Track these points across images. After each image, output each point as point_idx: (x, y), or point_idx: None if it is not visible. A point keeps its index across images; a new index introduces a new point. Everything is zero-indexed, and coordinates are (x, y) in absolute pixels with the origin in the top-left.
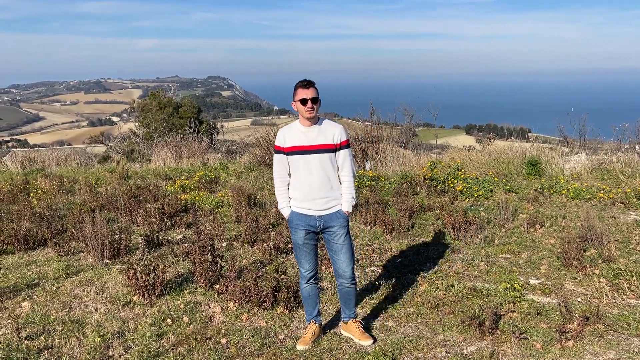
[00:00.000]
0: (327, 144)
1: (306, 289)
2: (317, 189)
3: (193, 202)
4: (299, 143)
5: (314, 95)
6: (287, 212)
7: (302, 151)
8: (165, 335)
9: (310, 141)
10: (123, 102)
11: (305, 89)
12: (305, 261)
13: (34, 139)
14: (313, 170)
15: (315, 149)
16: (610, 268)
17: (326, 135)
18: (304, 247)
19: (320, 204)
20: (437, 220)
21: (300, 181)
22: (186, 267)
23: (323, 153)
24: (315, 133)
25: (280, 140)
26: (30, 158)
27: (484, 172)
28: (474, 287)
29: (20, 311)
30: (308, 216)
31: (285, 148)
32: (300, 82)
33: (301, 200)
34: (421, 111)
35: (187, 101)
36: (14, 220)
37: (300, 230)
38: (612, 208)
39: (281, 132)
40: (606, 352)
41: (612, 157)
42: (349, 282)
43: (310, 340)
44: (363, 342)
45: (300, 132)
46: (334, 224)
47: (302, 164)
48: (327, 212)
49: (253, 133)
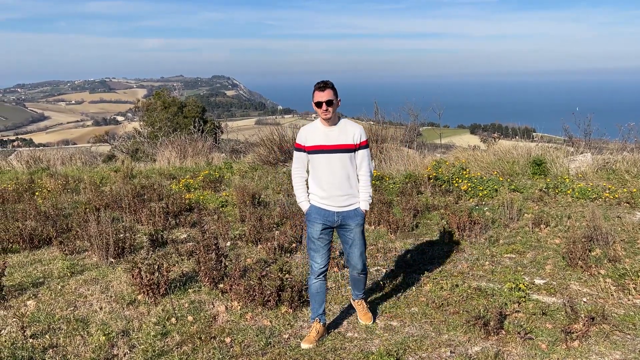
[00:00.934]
0: (348, 143)
1: (315, 284)
2: (338, 187)
3: (197, 201)
4: (320, 142)
5: (328, 98)
6: (305, 206)
7: (323, 150)
8: (169, 334)
9: (331, 141)
10: (128, 102)
11: (321, 91)
12: (318, 255)
13: (39, 138)
14: (334, 169)
15: (336, 148)
16: (616, 268)
17: (347, 135)
18: (318, 241)
19: (340, 201)
20: (442, 219)
21: (320, 179)
22: (190, 266)
23: (343, 153)
24: (336, 133)
25: (301, 139)
26: (35, 157)
27: (488, 171)
28: (479, 286)
29: (26, 310)
30: (327, 211)
31: (307, 147)
32: (316, 84)
33: (323, 197)
34: (425, 111)
35: (191, 101)
36: (19, 219)
37: (318, 224)
38: (618, 208)
39: (303, 131)
40: (612, 353)
41: (617, 156)
42: (359, 272)
43: (314, 339)
44: (362, 320)
45: (321, 131)
46: (351, 221)
47: (324, 162)
48: (345, 209)
49: (257, 132)
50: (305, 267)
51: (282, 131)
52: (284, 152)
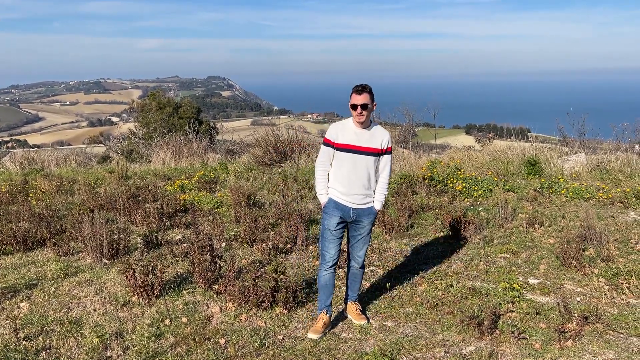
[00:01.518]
0: (376, 148)
1: (325, 276)
2: (358, 186)
3: (192, 202)
4: (351, 142)
5: (364, 102)
6: (324, 199)
7: (352, 150)
8: (163, 336)
9: (361, 143)
10: (123, 103)
11: (358, 94)
12: (332, 246)
13: (33, 139)
14: (358, 169)
15: (365, 150)
16: (610, 268)
17: (376, 140)
18: (332, 233)
19: (358, 199)
20: (437, 220)
21: (343, 176)
22: (185, 267)
23: (370, 155)
24: (367, 136)
25: (332, 135)
26: (29, 158)
27: (483, 171)
28: (473, 286)
29: (19, 312)
30: (345, 207)
31: (337, 144)
32: (355, 87)
33: (344, 193)
34: (421, 111)
35: (186, 101)
36: (12, 220)
37: (335, 217)
38: (612, 207)
39: (334, 128)
40: (605, 352)
41: (611, 156)
42: (359, 265)
43: (321, 329)
44: (357, 321)
45: (353, 132)
46: (364, 218)
47: (350, 161)
48: (361, 207)
49: (253, 133)
50: (300, 267)
51: (278, 132)
52: (279, 152)
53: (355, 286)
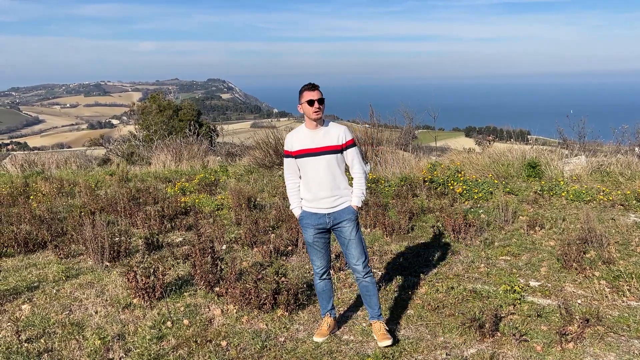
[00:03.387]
0: (333, 145)
1: (320, 284)
2: (325, 188)
3: (193, 205)
4: (305, 146)
5: (320, 97)
6: (298, 212)
7: (309, 154)
8: (165, 338)
9: (316, 144)
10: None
11: (312, 90)
12: (316, 258)
13: (33, 141)
14: (320, 171)
15: (322, 150)
16: (610, 270)
17: (331, 137)
18: (314, 245)
19: (328, 203)
20: (437, 222)
21: (309, 182)
22: (186, 269)
23: (329, 154)
24: (320, 135)
25: (288, 145)
26: (30, 161)
27: (483, 174)
28: (474, 289)
29: (20, 314)
30: (318, 214)
31: (293, 152)
32: (305, 85)
33: (311, 200)
34: (421, 113)
35: (186, 104)
36: (13, 223)
37: (310, 228)
38: (612, 210)
39: (289, 137)
40: (606, 354)
41: (611, 159)
42: (362, 275)
43: (327, 332)
44: (380, 342)
45: (306, 135)
46: (344, 220)
47: (310, 165)
48: (335, 210)
49: (253, 135)
50: (301, 270)
51: (278, 134)
52: (279, 155)
53: (372, 301)
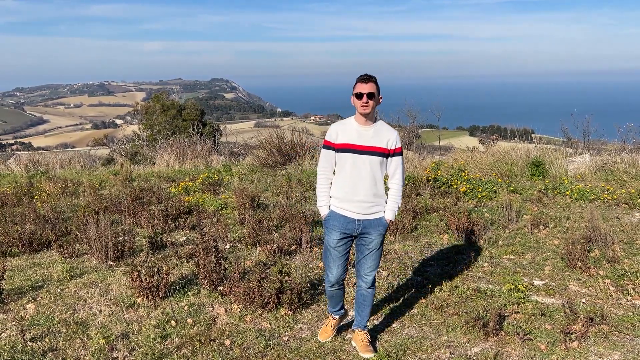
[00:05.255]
0: (381, 147)
1: (330, 291)
2: (363, 192)
3: (197, 204)
4: (351, 141)
5: (370, 91)
6: (325, 211)
7: (353, 150)
8: (169, 337)
9: (363, 141)
10: (127, 105)
11: (364, 83)
12: (334, 266)
13: (37, 141)
14: (361, 172)
15: (368, 150)
16: (615, 269)
17: (381, 139)
18: (334, 250)
19: (363, 208)
20: (441, 221)
21: (344, 180)
22: (190, 269)
23: (375, 156)
24: (370, 134)
25: (332, 136)
26: (34, 161)
27: (487, 173)
28: (478, 288)
29: (25, 313)
30: (347, 218)
31: (337, 144)
32: (360, 76)
33: (342, 200)
34: (424, 112)
35: (190, 103)
36: (18, 222)
37: (336, 232)
38: (617, 209)
39: (334, 127)
40: (611, 353)
41: (616, 157)
42: (367, 285)
43: (331, 332)
44: (362, 353)
45: (354, 130)
46: (372, 230)
47: (351, 163)
48: (368, 218)
49: (256, 135)
50: (305, 269)
51: (281, 134)
52: (283, 154)
53: (364, 311)
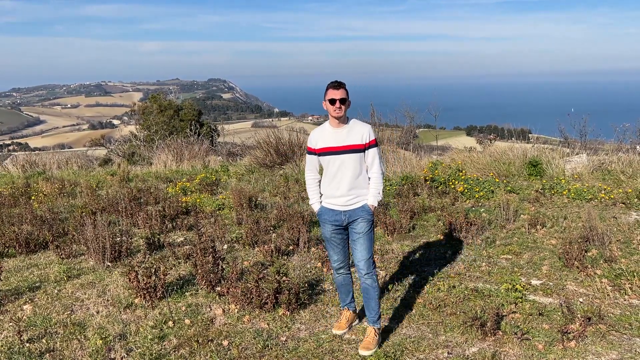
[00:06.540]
0: (356, 144)
1: (338, 278)
2: (345, 187)
3: (194, 205)
4: (329, 144)
5: (342, 96)
6: (316, 208)
7: (332, 152)
8: (166, 338)
9: (339, 142)
10: (124, 105)
11: (335, 89)
12: (333, 253)
13: (34, 142)
14: (343, 170)
15: (345, 149)
16: (612, 268)
17: (355, 135)
18: (331, 240)
19: (345, 200)
20: (439, 221)
21: (329, 178)
22: (187, 269)
23: (352, 153)
24: (344, 134)
25: (312, 142)
26: (31, 161)
27: (485, 173)
28: (476, 288)
29: (22, 314)
30: (335, 211)
31: (317, 149)
32: (331, 83)
33: (329, 197)
34: (422, 113)
35: (187, 104)
36: (15, 223)
37: (328, 224)
38: (614, 208)
39: (313, 135)
40: (608, 353)
41: (613, 157)
42: (363, 274)
43: (345, 325)
44: (360, 350)
45: (330, 133)
46: (358, 217)
47: (332, 163)
48: (350, 208)
49: (254, 135)
50: (303, 269)
51: (279, 134)
52: (280, 154)
53: (370, 304)
